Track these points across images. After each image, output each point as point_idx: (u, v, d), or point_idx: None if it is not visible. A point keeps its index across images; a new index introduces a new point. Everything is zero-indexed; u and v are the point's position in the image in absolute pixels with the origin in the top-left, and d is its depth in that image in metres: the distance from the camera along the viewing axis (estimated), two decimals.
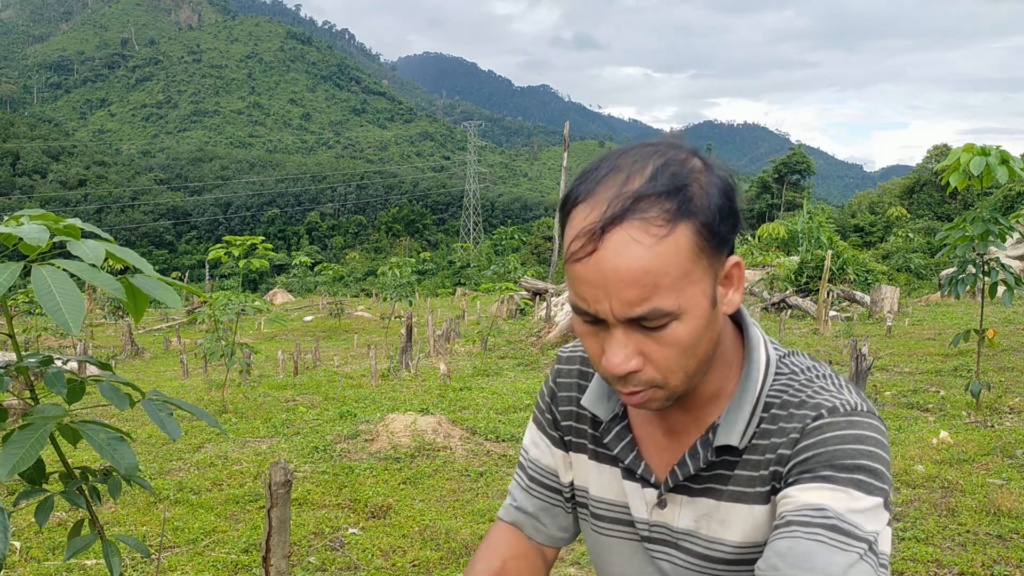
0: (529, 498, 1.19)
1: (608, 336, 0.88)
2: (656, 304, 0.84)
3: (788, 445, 0.93)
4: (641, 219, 0.84)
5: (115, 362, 12.62)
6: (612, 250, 0.84)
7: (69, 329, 1.10)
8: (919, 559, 3.37)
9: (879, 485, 0.87)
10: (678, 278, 0.85)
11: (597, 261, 0.85)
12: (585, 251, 0.86)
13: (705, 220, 0.86)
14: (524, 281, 18.50)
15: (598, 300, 0.86)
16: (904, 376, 7.63)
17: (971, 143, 5.28)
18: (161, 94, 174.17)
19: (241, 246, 7.02)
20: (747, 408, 0.97)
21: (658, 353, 0.88)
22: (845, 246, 21.40)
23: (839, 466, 0.87)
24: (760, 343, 1.00)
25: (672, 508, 1.02)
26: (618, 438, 1.06)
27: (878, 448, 0.89)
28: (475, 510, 4.16)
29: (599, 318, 0.88)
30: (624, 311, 0.85)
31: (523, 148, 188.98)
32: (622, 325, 0.87)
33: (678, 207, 0.85)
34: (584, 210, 0.87)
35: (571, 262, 0.88)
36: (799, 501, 0.87)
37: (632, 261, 0.83)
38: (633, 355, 0.88)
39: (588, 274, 0.86)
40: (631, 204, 0.84)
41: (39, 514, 1.50)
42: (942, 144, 49.45)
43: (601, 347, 0.90)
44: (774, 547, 0.86)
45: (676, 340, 0.87)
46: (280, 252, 58.09)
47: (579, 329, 0.92)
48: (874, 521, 0.85)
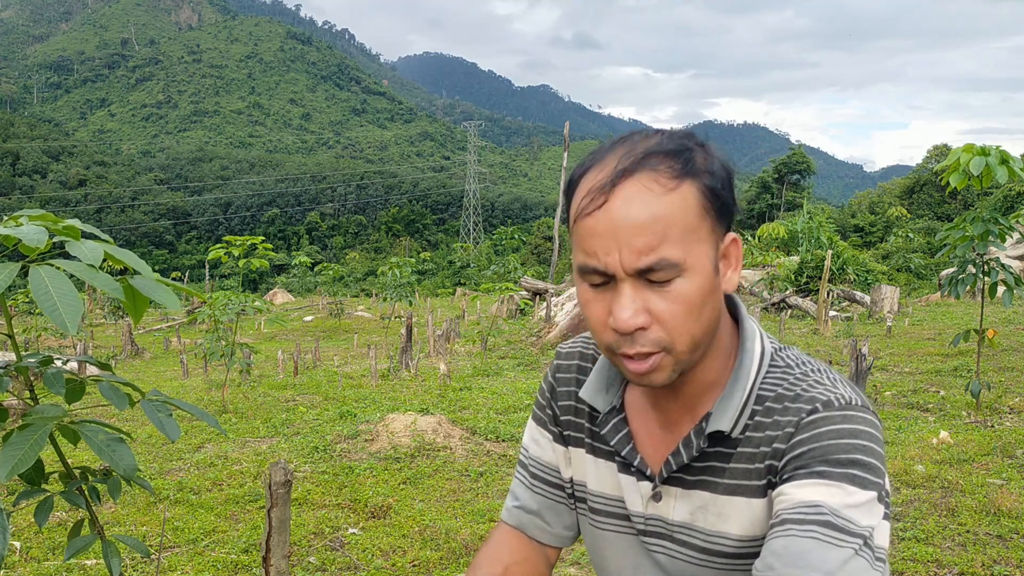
0: (533, 495, 1.19)
1: (616, 294, 0.90)
2: (664, 254, 0.87)
3: (783, 439, 0.93)
4: (651, 171, 0.89)
5: (115, 362, 12.62)
6: (623, 199, 0.88)
7: (66, 330, 1.10)
8: (919, 559, 3.37)
9: (873, 479, 0.87)
10: (685, 231, 0.88)
11: (608, 211, 0.88)
12: (596, 204, 0.89)
13: (709, 183, 0.91)
14: (524, 281, 18.49)
15: (608, 251, 0.89)
16: (904, 376, 7.63)
17: (971, 143, 5.27)
18: (161, 94, 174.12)
19: (241, 246, 7.02)
20: (739, 395, 0.97)
21: (665, 311, 0.89)
22: (845, 246, 21.40)
23: (833, 461, 0.88)
24: (756, 335, 1.02)
25: (667, 501, 1.03)
26: (615, 430, 1.06)
27: (872, 443, 0.90)
28: (475, 510, 4.16)
29: (608, 273, 0.90)
30: (633, 261, 0.87)
31: (523, 148, 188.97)
32: (630, 280, 0.89)
33: (684, 165, 0.90)
34: (593, 173, 0.92)
35: (581, 218, 0.91)
36: (794, 498, 0.88)
37: (643, 208, 0.87)
38: (642, 311, 0.89)
39: (599, 226, 0.89)
40: (641, 159, 0.90)
41: (39, 514, 1.50)
42: (942, 144, 49.46)
43: (607, 309, 0.91)
44: (770, 546, 0.87)
45: (682, 296, 0.89)
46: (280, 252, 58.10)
47: (584, 297, 0.94)
48: (869, 515, 0.86)
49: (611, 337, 0.92)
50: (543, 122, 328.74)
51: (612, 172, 0.89)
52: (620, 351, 0.92)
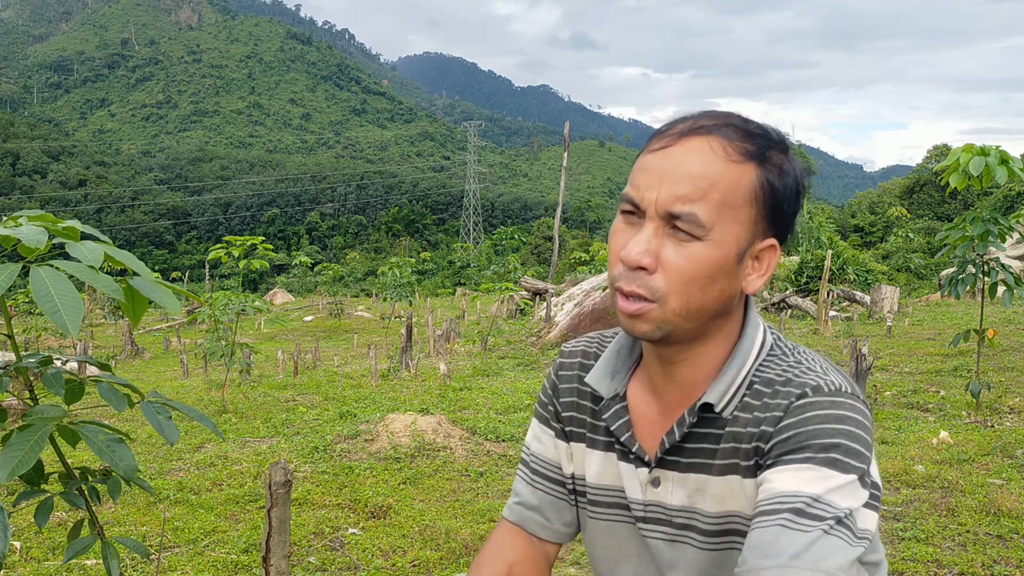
0: (534, 492, 1.20)
1: (638, 230, 0.94)
2: (696, 211, 0.90)
3: (771, 422, 0.94)
4: (724, 138, 0.92)
5: (115, 362, 12.62)
6: (686, 149, 0.92)
7: (67, 331, 1.10)
8: (919, 559, 3.37)
9: (855, 463, 0.88)
10: (726, 203, 0.91)
11: (667, 155, 0.93)
12: (662, 143, 0.94)
13: (772, 179, 0.94)
14: (524, 281, 18.49)
15: (650, 187, 0.93)
16: (904, 376, 7.63)
17: (971, 143, 5.27)
18: (161, 94, 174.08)
19: (241, 246, 7.01)
20: (732, 375, 0.99)
21: (674, 264, 0.92)
22: (845, 246, 21.41)
23: (816, 446, 0.89)
24: (759, 325, 1.04)
25: (665, 486, 1.04)
26: (616, 416, 1.08)
27: (858, 428, 0.91)
28: (475, 510, 4.16)
29: (641, 208, 0.93)
30: (667, 203, 0.91)
31: (523, 148, 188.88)
32: (656, 221, 0.92)
33: (757, 150, 0.93)
34: (680, 123, 0.96)
35: (644, 153, 0.96)
36: (773, 489, 0.89)
37: (697, 163, 0.91)
38: (652, 253, 0.92)
39: (654, 163, 0.93)
40: (722, 126, 0.93)
41: (39, 515, 1.50)
42: (942, 144, 49.44)
43: (627, 242, 0.94)
44: (747, 540, 0.89)
45: (694, 258, 0.91)
46: (280, 252, 58.12)
47: (615, 227, 0.98)
48: (849, 498, 0.86)
49: (618, 268, 0.95)
50: (543, 122, 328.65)
51: (691, 125, 0.93)
52: (617, 284, 0.95)
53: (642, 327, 0.95)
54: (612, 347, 1.12)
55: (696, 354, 1.00)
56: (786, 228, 0.97)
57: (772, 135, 0.95)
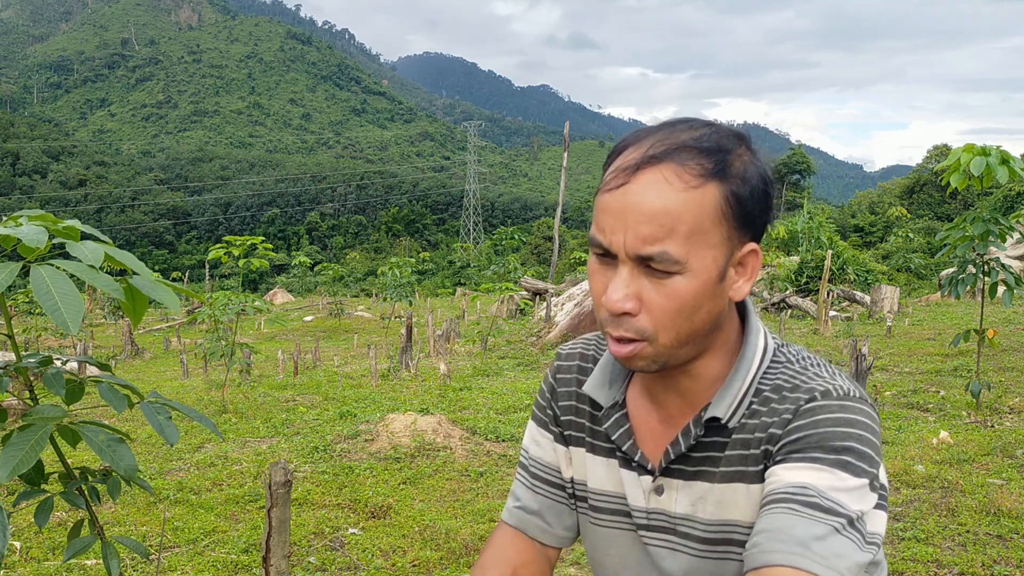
0: (534, 496, 1.19)
1: (615, 274, 0.92)
2: (667, 248, 0.88)
3: (779, 425, 0.94)
4: (678, 164, 0.89)
5: (115, 362, 12.62)
6: (641, 185, 0.89)
7: (68, 330, 1.10)
8: (919, 559, 3.37)
9: (866, 468, 0.88)
10: (694, 231, 0.88)
11: (625, 193, 0.89)
12: (617, 182, 0.90)
13: (736, 190, 0.90)
14: (524, 281, 18.49)
15: (615, 231, 0.90)
16: (904, 376, 7.63)
17: (971, 143, 5.27)
18: (161, 94, 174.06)
19: (241, 246, 7.01)
20: (737, 385, 0.98)
21: (656, 303, 0.90)
22: (845, 246, 21.41)
23: (828, 447, 0.88)
24: (759, 331, 1.03)
25: (669, 494, 1.03)
26: (617, 425, 1.07)
27: (867, 432, 0.90)
28: (475, 510, 4.16)
29: (611, 252, 0.91)
30: (636, 247, 0.88)
31: (523, 148, 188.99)
32: (630, 263, 0.90)
33: (715, 167, 0.89)
34: (630, 151, 0.93)
35: (602, 192, 0.93)
36: (783, 480, 0.89)
37: (656, 199, 0.88)
38: (632, 297, 0.91)
39: (613, 204, 0.90)
40: (673, 150, 0.90)
41: (39, 515, 1.50)
42: (942, 144, 49.46)
43: (605, 285, 0.93)
44: (757, 525, 0.88)
45: (676, 294, 0.90)
46: (280, 252, 58.08)
47: (591, 267, 0.96)
48: (860, 501, 0.86)
49: (603, 314, 0.94)
50: (543, 122, 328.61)
51: (642, 155, 0.90)
52: (606, 330, 0.94)
53: (638, 364, 0.95)
54: (608, 354, 1.10)
55: (695, 366, 1.00)
56: (762, 227, 0.95)
57: (727, 144, 0.91)
